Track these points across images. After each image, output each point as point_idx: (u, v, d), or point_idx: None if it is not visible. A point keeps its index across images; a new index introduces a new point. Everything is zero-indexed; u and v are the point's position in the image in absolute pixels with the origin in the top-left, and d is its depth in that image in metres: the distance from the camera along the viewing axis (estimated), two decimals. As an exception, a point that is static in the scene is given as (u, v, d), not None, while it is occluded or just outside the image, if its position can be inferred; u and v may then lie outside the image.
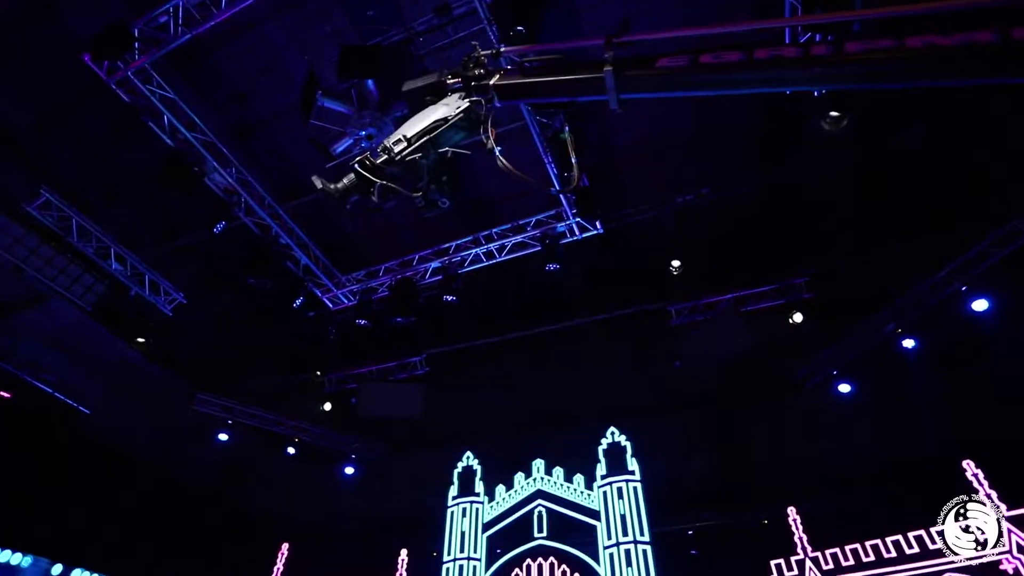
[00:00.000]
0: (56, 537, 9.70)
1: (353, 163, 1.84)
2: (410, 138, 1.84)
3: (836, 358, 9.00)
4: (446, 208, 2.04)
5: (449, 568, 9.17)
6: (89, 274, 8.42)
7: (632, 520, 8.46)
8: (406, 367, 10.42)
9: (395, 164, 1.84)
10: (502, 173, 1.99)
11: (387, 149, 1.84)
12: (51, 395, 9.31)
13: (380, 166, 1.83)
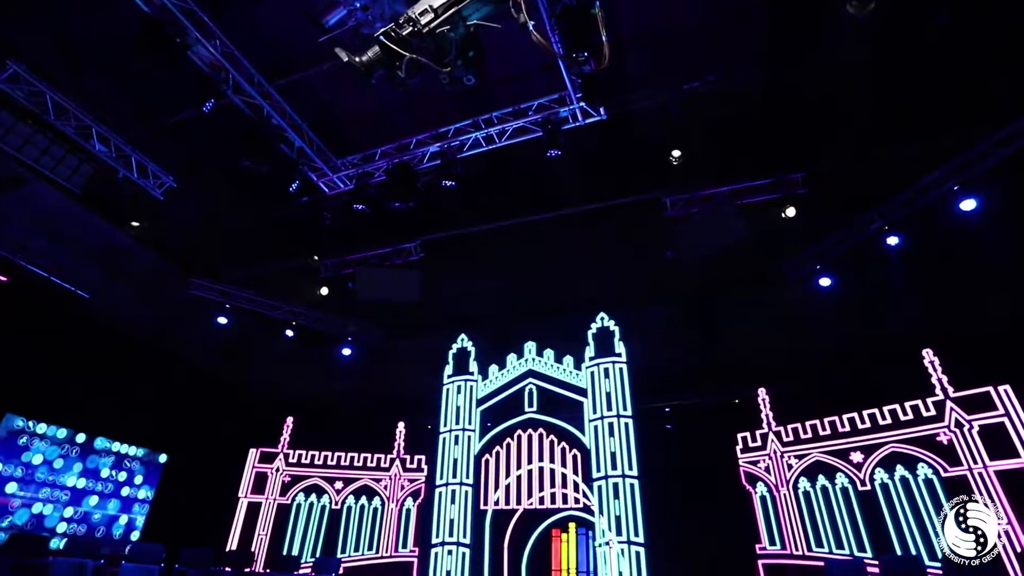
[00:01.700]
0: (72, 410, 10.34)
1: (378, 35, 1.77)
2: (437, 8, 1.76)
3: (822, 253, 9.31)
4: (471, 85, 2.01)
5: (445, 438, 10.02)
6: (73, 155, 8.13)
7: (616, 397, 9.20)
8: (401, 253, 10.59)
9: (422, 37, 1.77)
10: (499, 54, 1.95)
11: (413, 20, 1.76)
12: (47, 279, 9.38)
13: (406, 38, 1.76)
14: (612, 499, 8.45)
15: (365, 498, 11.51)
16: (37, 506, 9.58)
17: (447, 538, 9.08)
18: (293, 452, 11.88)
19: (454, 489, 9.46)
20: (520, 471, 9.50)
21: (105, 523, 10.55)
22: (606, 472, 8.69)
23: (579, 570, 10.41)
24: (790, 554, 9.13)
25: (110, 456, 10.83)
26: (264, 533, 11.05)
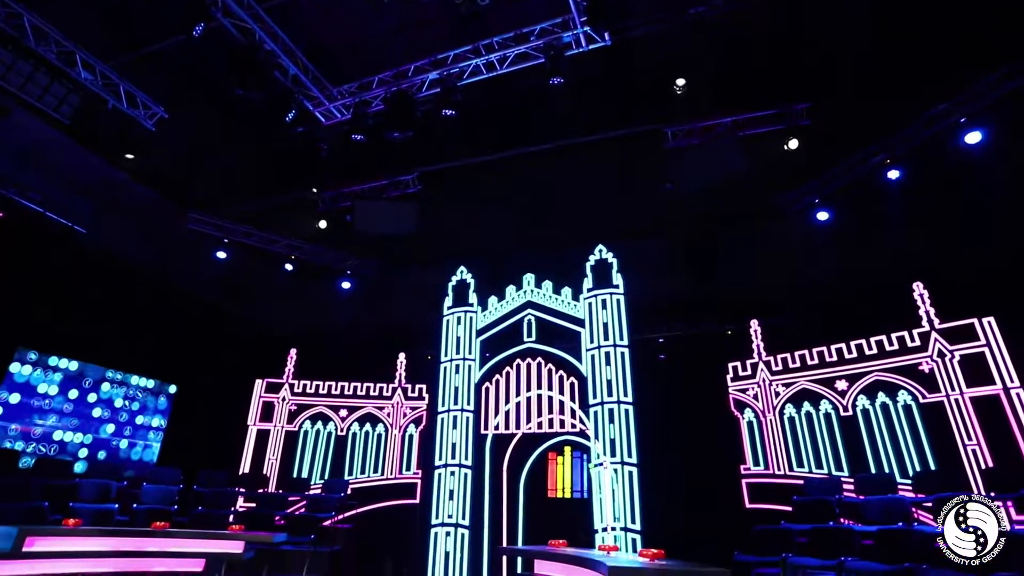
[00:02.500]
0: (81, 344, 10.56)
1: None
2: None
3: (821, 186, 9.29)
4: (484, 6, 1.99)
5: (446, 367, 10.34)
6: (59, 84, 7.85)
7: (613, 327, 9.44)
8: (399, 185, 10.50)
9: None
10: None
11: None
12: (42, 214, 9.32)
13: None
14: (607, 423, 8.87)
15: (369, 425, 12.03)
16: (57, 434, 10.01)
17: (449, 460, 9.58)
18: (298, 382, 12.26)
19: (455, 415, 9.88)
20: (519, 398, 9.89)
21: (123, 450, 11.05)
22: (602, 399, 9.07)
23: (573, 489, 11.08)
24: (772, 474, 9.71)
25: (122, 387, 11.18)
26: (275, 458, 11.61)
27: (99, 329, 10.61)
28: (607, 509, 8.33)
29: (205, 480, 9.52)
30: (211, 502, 9.04)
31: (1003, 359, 7.88)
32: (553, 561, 5.26)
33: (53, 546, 5.55)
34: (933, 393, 8.43)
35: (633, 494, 8.43)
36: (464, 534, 9.07)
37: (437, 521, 9.22)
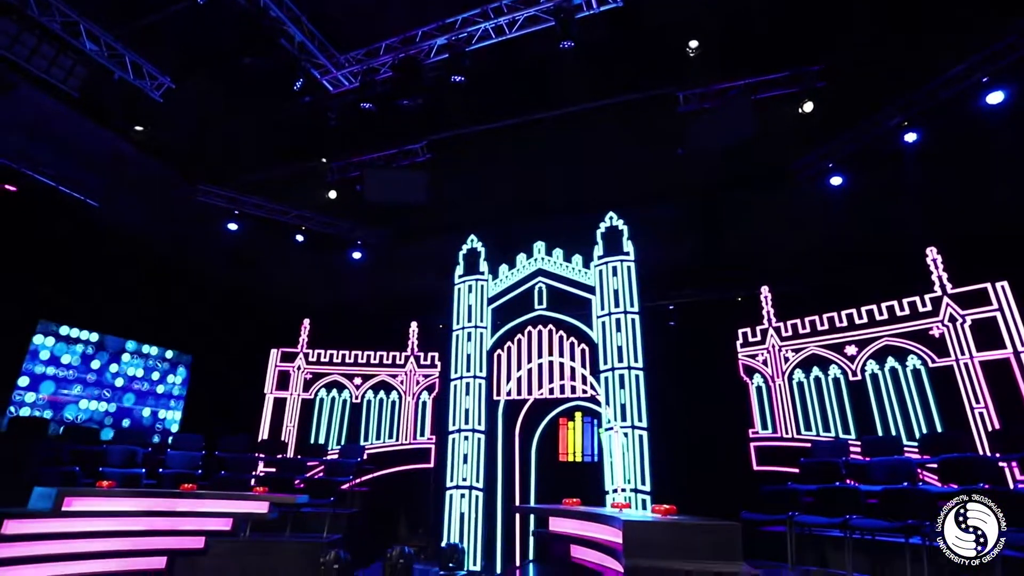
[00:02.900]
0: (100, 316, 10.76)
1: None
2: None
3: (835, 150, 9.15)
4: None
5: (458, 335, 10.47)
6: (65, 56, 7.81)
7: (624, 294, 9.49)
8: (408, 154, 10.45)
9: None
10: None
11: None
12: (55, 188, 9.37)
13: None
14: (618, 389, 9.01)
15: (383, 392, 12.28)
16: (83, 403, 10.31)
17: (463, 425, 9.80)
18: (312, 351, 12.49)
19: (468, 382, 10.06)
20: (531, 364, 10.04)
21: (145, 418, 11.37)
22: (612, 364, 9.19)
23: (584, 453, 11.33)
24: (780, 437, 9.87)
25: (141, 358, 11.45)
26: (292, 425, 11.92)
27: (117, 301, 10.81)
28: (617, 471, 8.54)
29: (226, 446, 9.82)
30: (233, 467, 9.35)
31: (1015, 323, 7.88)
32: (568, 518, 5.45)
33: (89, 506, 5.82)
34: (943, 358, 8.47)
35: (643, 457, 8.63)
36: (478, 496, 9.36)
37: (452, 484, 9.50)
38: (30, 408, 9.61)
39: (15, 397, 9.44)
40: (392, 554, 7.29)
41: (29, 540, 5.41)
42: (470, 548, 8.95)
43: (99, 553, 5.68)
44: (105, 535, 5.82)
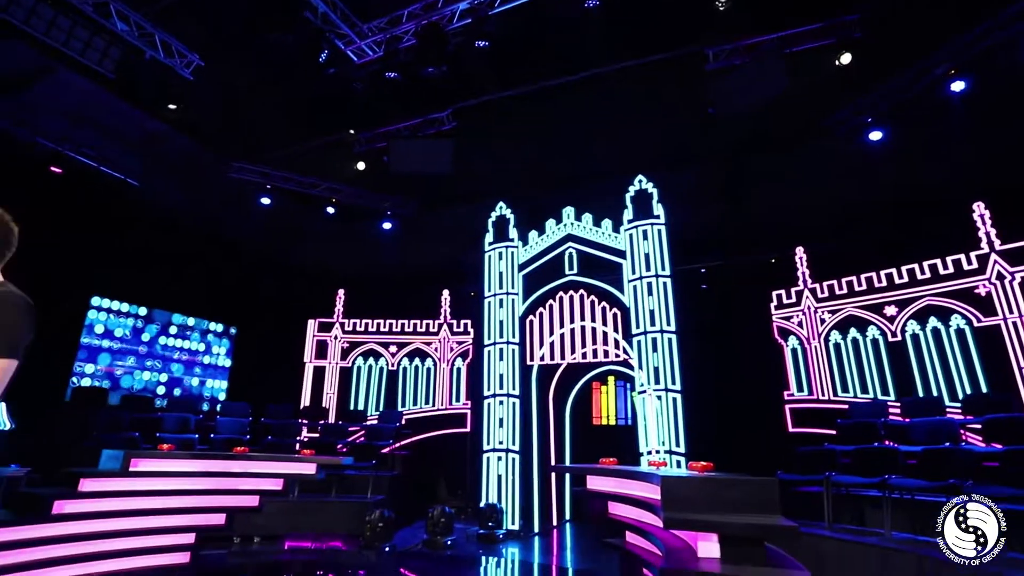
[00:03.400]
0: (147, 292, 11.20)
1: None
2: None
3: (874, 103, 8.75)
4: None
5: (490, 302, 10.59)
6: (99, 37, 7.96)
7: (654, 258, 9.42)
8: (433, 123, 10.41)
9: None
10: None
11: None
12: (97, 169, 9.66)
13: None
14: (651, 352, 9.03)
15: (418, 360, 12.58)
16: (137, 374, 10.86)
17: (497, 390, 10.00)
18: (348, 321, 12.83)
19: (501, 348, 10.21)
20: (563, 329, 10.11)
21: (195, 387, 11.92)
22: (645, 328, 9.19)
23: (618, 416, 11.48)
24: (816, 399, 9.80)
25: (189, 330, 11.94)
26: (332, 392, 12.35)
27: (161, 277, 11.22)
28: (651, 434, 8.64)
29: (272, 413, 10.25)
30: (279, 432, 9.78)
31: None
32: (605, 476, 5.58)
33: (153, 467, 6.23)
34: (989, 316, 8.22)
35: (677, 419, 8.69)
36: (515, 458, 9.61)
37: (488, 447, 9.77)
38: (90, 379, 10.18)
39: (76, 369, 10.00)
40: (434, 513, 7.60)
41: (101, 497, 5.85)
42: (508, 508, 9.24)
43: (165, 509, 6.11)
44: (169, 493, 6.24)
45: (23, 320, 1.92)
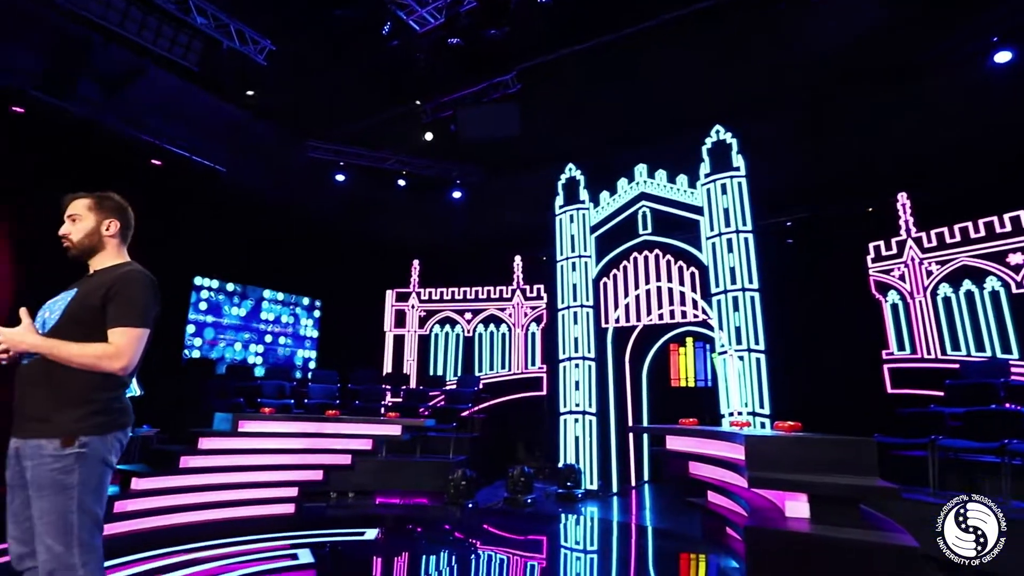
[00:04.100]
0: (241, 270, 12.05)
1: None
2: None
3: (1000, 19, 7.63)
4: None
5: (563, 266, 10.50)
6: (182, 33, 8.44)
7: (735, 213, 8.91)
8: (498, 87, 10.26)
9: None
10: None
11: None
12: (189, 158, 10.37)
13: None
14: (732, 312, 8.64)
15: (493, 325, 12.80)
16: (237, 345, 11.83)
17: (573, 354, 9.99)
18: (424, 290, 13.23)
19: (576, 311, 10.15)
20: (638, 291, 9.88)
21: (287, 356, 12.84)
22: (725, 287, 8.78)
23: (697, 378, 11.18)
24: (920, 358, 9.03)
25: (279, 304, 12.80)
26: (412, 359, 12.88)
27: (253, 256, 12.03)
28: (733, 395, 8.33)
29: (357, 379, 10.85)
30: (365, 397, 10.34)
31: None
32: (685, 436, 5.47)
33: (258, 428, 6.82)
34: None
35: (761, 380, 8.32)
36: (592, 420, 9.63)
37: (565, 409, 9.85)
38: (199, 351, 11.21)
39: (186, 343, 11.03)
40: (513, 473, 7.81)
41: (217, 454, 6.51)
42: (586, 469, 9.33)
43: (270, 466, 6.71)
44: (273, 452, 6.83)
45: (151, 294, 2.16)
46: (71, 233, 2.23)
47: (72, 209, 2.25)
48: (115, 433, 2.08)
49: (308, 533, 5.70)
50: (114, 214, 2.29)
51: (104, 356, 2.01)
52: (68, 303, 2.11)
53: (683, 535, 5.99)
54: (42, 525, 1.91)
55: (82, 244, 2.23)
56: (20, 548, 2.01)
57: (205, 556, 4.81)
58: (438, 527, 6.56)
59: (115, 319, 2.06)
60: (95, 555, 1.98)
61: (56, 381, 2.00)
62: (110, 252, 2.28)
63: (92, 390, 2.03)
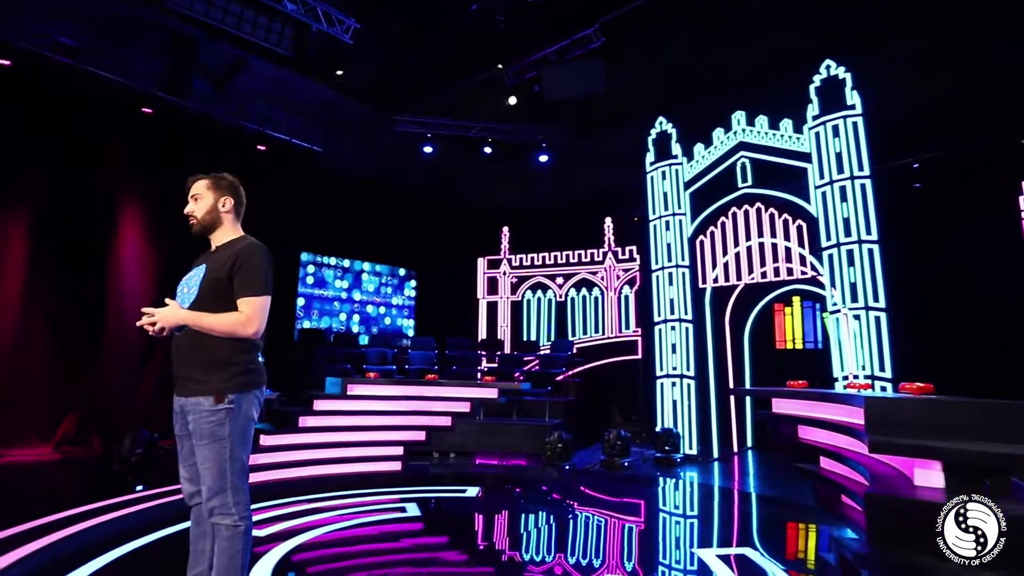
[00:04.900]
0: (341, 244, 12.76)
1: None
2: None
3: None
4: None
5: (655, 225, 10.08)
6: (275, 21, 8.86)
7: (849, 157, 8.01)
8: (581, 43, 9.83)
9: None
10: None
11: None
12: (289, 141, 10.99)
13: None
14: (846, 267, 7.87)
15: (585, 289, 12.67)
16: (343, 315, 12.66)
17: (668, 316, 9.64)
18: (514, 257, 13.32)
19: (670, 272, 9.75)
20: (738, 248, 9.27)
21: (388, 325, 13.54)
22: (838, 240, 7.98)
23: (805, 339, 10.42)
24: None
25: (378, 276, 13.47)
26: (505, 325, 13.11)
27: (352, 230, 12.69)
28: (848, 357, 7.67)
29: (453, 346, 11.23)
30: (461, 363, 10.70)
31: None
32: (794, 399, 5.12)
33: (364, 391, 7.31)
34: None
35: (881, 341, 7.57)
36: (690, 384, 9.32)
37: (662, 373, 9.59)
38: (308, 322, 12.12)
39: (298, 314, 11.96)
40: (610, 436, 7.78)
41: (330, 415, 7.07)
42: (684, 433, 9.09)
43: (377, 426, 7.19)
44: (379, 413, 7.30)
45: (268, 263, 2.45)
46: (195, 211, 2.52)
47: (194, 190, 2.53)
48: (255, 392, 2.40)
49: (414, 489, 6.06)
50: (228, 192, 2.56)
51: (237, 323, 2.30)
52: (201, 279, 2.39)
53: (792, 502, 5.68)
54: (204, 469, 2.30)
55: (204, 220, 2.51)
56: (190, 487, 2.45)
57: (325, 506, 5.27)
58: (536, 487, 6.71)
59: (241, 289, 2.34)
60: (244, 496, 2.37)
61: (204, 348, 2.32)
62: (227, 227, 2.55)
63: (233, 354, 2.33)
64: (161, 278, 9.22)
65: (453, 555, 4.35)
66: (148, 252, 9.38)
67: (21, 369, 7.71)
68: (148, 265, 9.33)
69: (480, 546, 4.61)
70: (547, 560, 3.97)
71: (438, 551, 4.40)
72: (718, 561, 3.75)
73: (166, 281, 9.21)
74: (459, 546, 4.56)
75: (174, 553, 3.01)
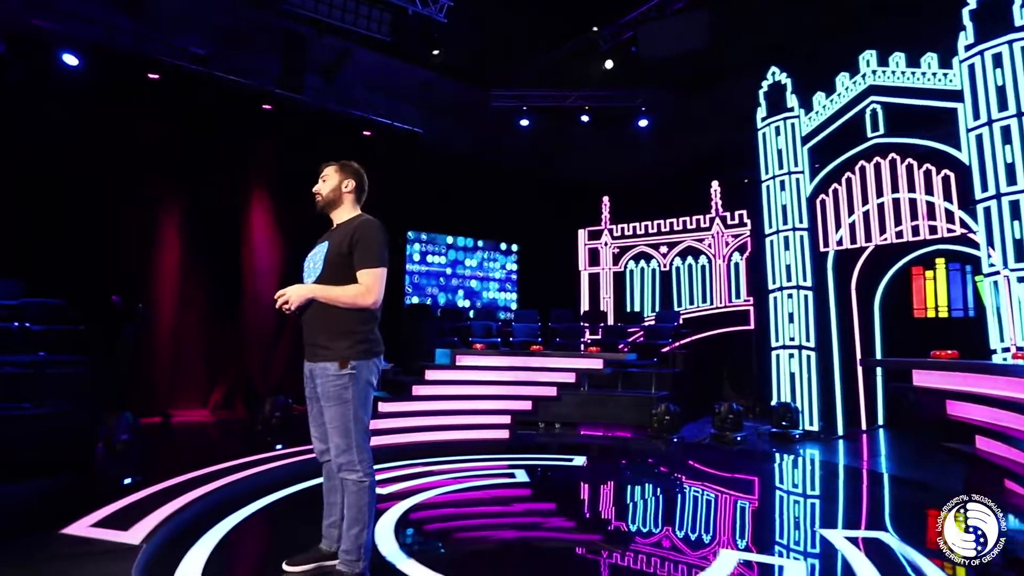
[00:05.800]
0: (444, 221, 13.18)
1: None
2: None
3: None
4: None
5: (769, 186, 9.32)
6: (375, 8, 9.19)
7: (1017, 90, 6.80)
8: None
9: None
10: None
11: None
12: (391, 125, 11.43)
13: None
14: (1009, 221, 6.79)
15: (691, 258, 12.10)
16: (448, 290, 13.17)
17: (785, 283, 8.94)
18: (616, 227, 13.01)
19: (786, 235, 8.99)
20: (866, 206, 8.32)
21: (491, 299, 13.88)
22: (998, 190, 6.86)
23: (951, 307, 9.20)
24: None
25: (481, 251, 13.80)
26: (608, 296, 12.91)
27: (454, 207, 13.06)
28: (1011, 326, 6.66)
29: (556, 318, 11.26)
30: (564, 335, 10.72)
31: None
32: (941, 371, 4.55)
33: (472, 362, 7.60)
34: None
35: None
36: (810, 355, 8.64)
37: (778, 344, 8.97)
38: (417, 297, 12.74)
39: (406, 290, 12.60)
40: (721, 409, 7.46)
41: (440, 384, 7.45)
42: (804, 408, 8.48)
43: (486, 396, 7.47)
44: (487, 383, 7.57)
45: (383, 237, 2.66)
46: (320, 189, 2.81)
47: (324, 172, 2.84)
48: (373, 360, 2.62)
49: (522, 456, 6.23)
50: (352, 176, 2.84)
51: (358, 295, 2.52)
52: (325, 255, 2.63)
53: (934, 486, 5.09)
54: (331, 429, 2.54)
55: (327, 198, 2.79)
56: (320, 445, 2.76)
57: (438, 469, 5.58)
58: (642, 459, 6.62)
59: (360, 262, 2.55)
60: (367, 455, 2.60)
61: (330, 318, 2.55)
62: (347, 206, 2.82)
63: (355, 323, 2.55)
64: (287, 262, 10.15)
65: (560, 521, 4.43)
66: (275, 238, 10.34)
67: (179, 346, 9.08)
68: (276, 249, 10.29)
69: (586, 514, 4.66)
70: (654, 532, 3.92)
71: (546, 516, 4.51)
72: (847, 543, 3.48)
73: (291, 263, 10.15)
74: (566, 512, 4.63)
75: (311, 504, 3.32)
